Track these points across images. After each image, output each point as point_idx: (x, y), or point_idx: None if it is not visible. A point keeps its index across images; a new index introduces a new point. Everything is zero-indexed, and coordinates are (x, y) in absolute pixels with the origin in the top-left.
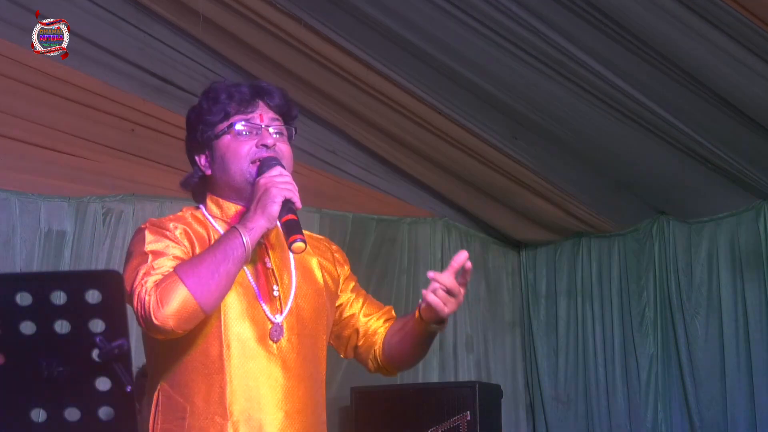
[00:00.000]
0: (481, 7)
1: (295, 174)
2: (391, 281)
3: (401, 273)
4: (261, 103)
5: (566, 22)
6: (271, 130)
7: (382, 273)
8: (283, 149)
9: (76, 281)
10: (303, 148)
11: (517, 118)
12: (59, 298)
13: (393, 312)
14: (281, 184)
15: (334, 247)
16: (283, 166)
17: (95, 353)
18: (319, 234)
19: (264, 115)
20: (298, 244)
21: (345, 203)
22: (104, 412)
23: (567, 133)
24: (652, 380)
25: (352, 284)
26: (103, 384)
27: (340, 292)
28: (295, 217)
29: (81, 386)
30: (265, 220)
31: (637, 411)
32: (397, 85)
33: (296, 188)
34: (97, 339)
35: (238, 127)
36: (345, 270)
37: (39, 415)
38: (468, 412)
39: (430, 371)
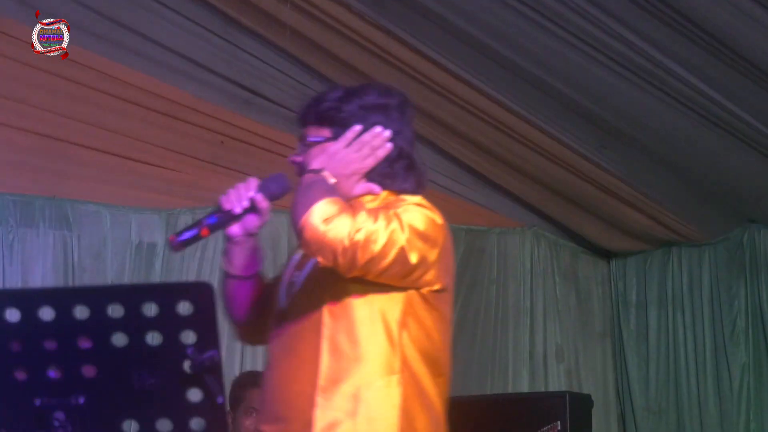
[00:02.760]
0: (568, 16)
1: None
2: (480, 292)
3: (490, 283)
4: (298, 123)
5: (653, 30)
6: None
7: (472, 283)
8: (307, 159)
9: (167, 293)
10: None
11: (605, 127)
12: (151, 309)
13: None
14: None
15: None
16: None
17: (186, 365)
18: None
19: (301, 135)
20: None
21: None
22: (196, 423)
23: (654, 142)
24: (744, 389)
25: None
26: (194, 395)
27: None
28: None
29: (172, 398)
30: None
31: (729, 420)
32: (484, 95)
33: (234, 193)
34: (189, 350)
35: None
36: None
37: (131, 426)
38: (558, 422)
39: (520, 381)
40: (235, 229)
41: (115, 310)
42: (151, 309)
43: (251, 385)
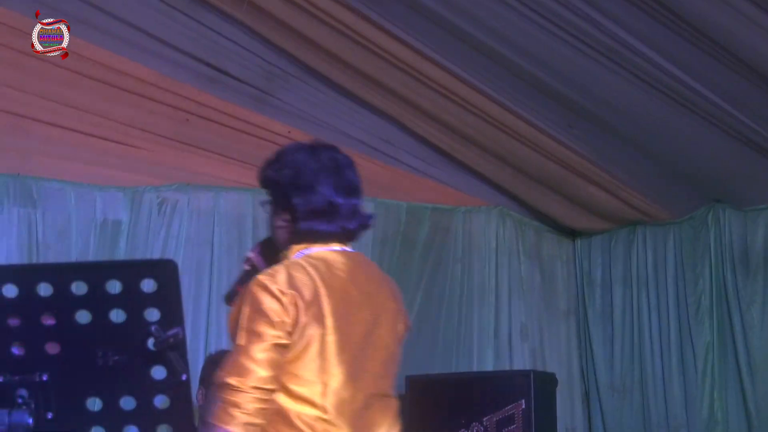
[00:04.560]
0: None
1: None
2: (446, 270)
3: (455, 262)
4: None
5: (621, 11)
6: None
7: (437, 262)
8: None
9: (131, 271)
10: (358, 137)
11: (572, 107)
12: (115, 287)
13: None
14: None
15: None
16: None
17: (150, 342)
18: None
19: None
20: None
21: (399, 192)
22: (159, 400)
23: (622, 122)
24: (708, 369)
25: None
26: (158, 373)
27: None
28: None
29: (136, 375)
30: None
31: (693, 399)
32: (451, 74)
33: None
34: (152, 328)
35: None
36: None
37: (95, 403)
38: (523, 401)
39: (484, 360)
40: None
41: (78, 287)
42: (115, 286)
43: None
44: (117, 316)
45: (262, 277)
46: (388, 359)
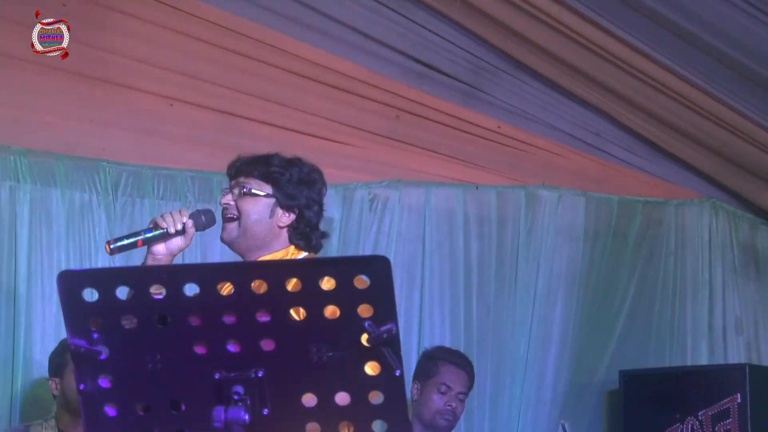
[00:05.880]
0: None
1: (559, 156)
2: (658, 264)
3: (668, 255)
4: (236, 170)
5: None
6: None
7: (649, 256)
8: (241, 206)
9: (345, 267)
10: (567, 130)
11: None
12: (328, 284)
13: None
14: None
15: None
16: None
17: (364, 338)
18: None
19: (236, 181)
20: None
21: (610, 186)
22: (374, 396)
23: None
24: None
25: None
26: (372, 369)
27: None
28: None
29: (351, 371)
30: None
31: None
32: (662, 66)
33: (170, 216)
34: (366, 324)
35: None
36: None
37: (310, 400)
38: (738, 395)
39: (698, 354)
40: (160, 247)
41: (293, 285)
42: (329, 283)
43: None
44: (330, 312)
45: None
46: None
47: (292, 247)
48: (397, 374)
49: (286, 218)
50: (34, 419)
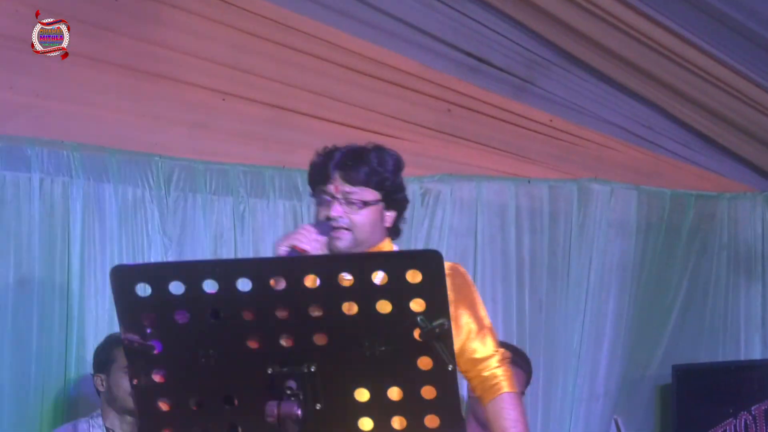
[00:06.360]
0: None
1: (611, 150)
2: (711, 257)
3: (721, 249)
4: (337, 175)
5: None
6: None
7: (702, 249)
8: (356, 219)
9: (397, 261)
10: (619, 123)
11: None
12: (380, 278)
13: None
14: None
15: None
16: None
17: (416, 333)
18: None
19: (339, 187)
20: None
21: (662, 179)
22: (427, 391)
23: None
24: None
25: None
26: (424, 363)
27: None
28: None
29: (403, 365)
30: None
31: None
32: (715, 59)
33: (303, 236)
34: (418, 318)
35: (316, 195)
36: None
37: (362, 394)
38: None
39: (752, 348)
40: None
41: (345, 279)
42: (381, 278)
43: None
44: (383, 306)
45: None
46: None
47: (388, 239)
48: (450, 369)
49: (390, 217)
50: (83, 416)
